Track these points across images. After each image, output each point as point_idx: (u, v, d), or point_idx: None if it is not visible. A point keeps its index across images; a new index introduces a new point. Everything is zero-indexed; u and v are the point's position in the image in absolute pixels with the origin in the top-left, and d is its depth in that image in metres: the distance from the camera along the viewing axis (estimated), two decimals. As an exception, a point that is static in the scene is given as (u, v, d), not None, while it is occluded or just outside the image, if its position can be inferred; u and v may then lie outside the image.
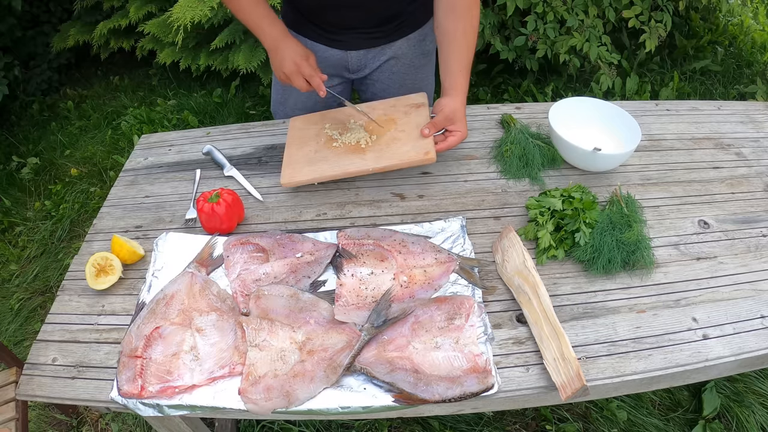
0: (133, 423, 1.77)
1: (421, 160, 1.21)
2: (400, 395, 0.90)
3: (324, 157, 1.26)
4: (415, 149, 1.22)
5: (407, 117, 1.32)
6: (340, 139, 1.30)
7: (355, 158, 1.25)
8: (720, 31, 3.20)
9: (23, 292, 2.27)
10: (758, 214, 1.20)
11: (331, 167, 1.24)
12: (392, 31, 1.37)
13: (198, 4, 2.62)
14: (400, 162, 1.21)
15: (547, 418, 1.64)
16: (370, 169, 1.22)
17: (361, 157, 1.24)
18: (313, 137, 1.33)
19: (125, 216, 1.27)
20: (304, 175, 1.24)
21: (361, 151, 1.26)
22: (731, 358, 0.94)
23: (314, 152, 1.29)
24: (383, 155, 1.24)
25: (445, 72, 1.24)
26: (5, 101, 3.11)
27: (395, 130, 1.29)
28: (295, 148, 1.31)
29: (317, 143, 1.31)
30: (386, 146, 1.26)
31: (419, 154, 1.21)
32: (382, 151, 1.25)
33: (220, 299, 1.04)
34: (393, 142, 1.26)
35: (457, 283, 1.06)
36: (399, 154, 1.23)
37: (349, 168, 1.23)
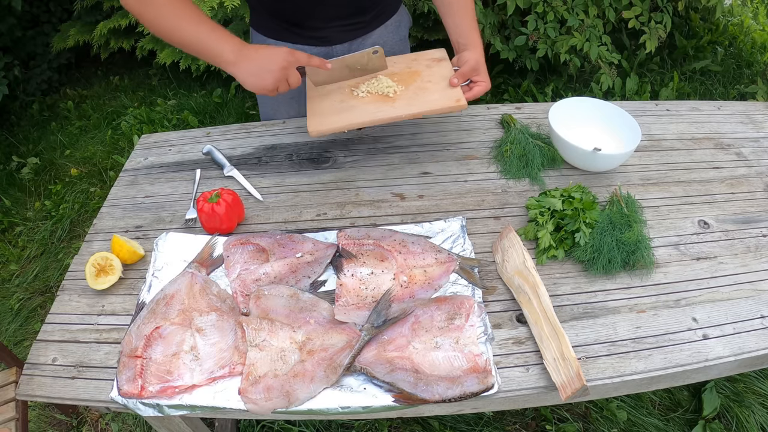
0: (133, 423, 1.77)
1: (452, 107, 1.19)
2: (400, 395, 0.90)
3: (351, 106, 1.22)
4: (446, 97, 1.21)
5: (430, 70, 1.30)
6: (366, 88, 1.26)
7: (384, 106, 1.21)
8: (720, 31, 3.21)
9: (23, 292, 2.27)
10: (758, 214, 1.20)
11: (360, 114, 1.19)
12: (372, 19, 1.37)
13: (198, 4, 2.62)
14: (432, 108, 1.19)
15: (547, 418, 1.64)
16: (402, 116, 1.18)
17: (390, 105, 1.21)
18: (336, 89, 1.27)
19: (125, 216, 1.27)
20: (332, 124, 1.18)
21: (389, 100, 1.23)
22: (731, 358, 0.94)
23: (339, 102, 1.24)
24: (413, 103, 1.20)
25: (457, 33, 1.26)
26: (5, 101, 3.11)
27: (421, 81, 1.27)
28: (318, 99, 1.25)
29: (341, 94, 1.26)
30: (415, 95, 1.23)
31: (450, 101, 1.20)
32: (411, 99, 1.21)
33: (220, 299, 1.04)
34: (421, 91, 1.24)
35: (457, 283, 1.06)
36: (430, 101, 1.20)
37: (379, 115, 1.18)
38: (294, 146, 1.43)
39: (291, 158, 1.39)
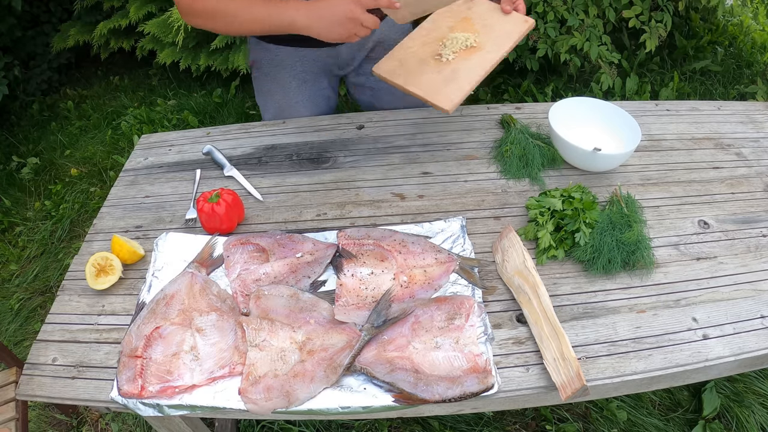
0: (133, 423, 1.77)
1: (527, 29, 1.24)
2: (400, 395, 0.90)
3: (455, 70, 1.21)
4: (514, 23, 1.25)
5: (473, 11, 1.30)
6: (451, 49, 1.25)
7: (480, 55, 1.22)
8: (720, 31, 3.20)
9: (23, 292, 2.27)
10: (758, 214, 1.20)
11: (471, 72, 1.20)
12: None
13: (198, 4, 2.61)
14: (517, 37, 1.24)
15: (547, 418, 1.64)
16: (502, 55, 1.22)
17: (485, 52, 1.22)
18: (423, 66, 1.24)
19: (125, 216, 1.27)
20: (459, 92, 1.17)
21: (476, 50, 1.23)
22: (731, 358, 0.94)
23: (439, 73, 1.22)
24: (498, 41, 1.23)
25: None
26: (5, 101, 3.10)
27: (479, 23, 1.27)
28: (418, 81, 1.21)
29: (432, 67, 1.23)
30: (488, 36, 1.24)
31: (523, 25, 1.25)
32: (493, 40, 1.23)
33: (220, 299, 1.04)
34: (488, 29, 1.25)
35: (457, 283, 1.06)
36: (506, 33, 1.23)
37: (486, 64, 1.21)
38: (294, 146, 1.43)
39: (291, 158, 1.39)
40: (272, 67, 1.43)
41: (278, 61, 1.42)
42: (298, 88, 1.46)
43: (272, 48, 1.40)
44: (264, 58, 1.43)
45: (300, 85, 1.46)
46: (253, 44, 1.44)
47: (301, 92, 1.47)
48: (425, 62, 1.25)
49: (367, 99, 1.56)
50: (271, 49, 1.40)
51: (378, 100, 1.54)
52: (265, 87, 1.49)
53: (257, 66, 1.46)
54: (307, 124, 1.49)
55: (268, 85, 1.47)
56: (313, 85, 1.46)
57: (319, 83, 1.47)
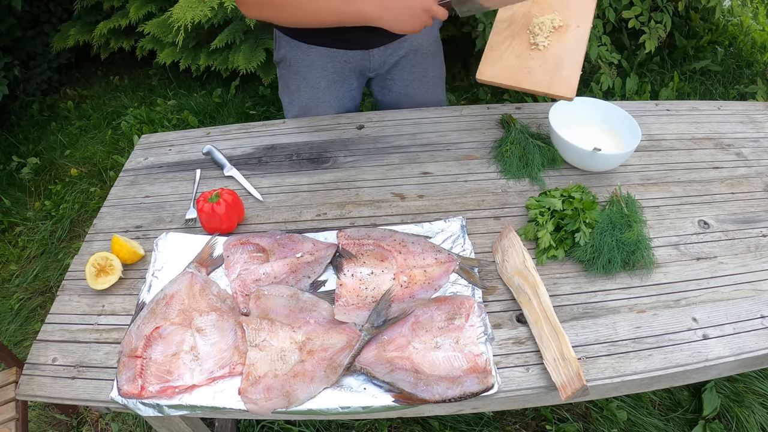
0: (133, 423, 1.77)
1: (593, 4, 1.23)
2: (400, 395, 0.90)
3: (556, 55, 1.21)
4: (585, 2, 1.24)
5: None
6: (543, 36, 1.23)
7: (573, 34, 1.21)
8: (720, 31, 3.20)
9: (23, 292, 2.27)
10: (758, 214, 1.20)
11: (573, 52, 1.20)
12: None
13: (198, 4, 2.62)
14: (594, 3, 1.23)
15: (547, 418, 1.64)
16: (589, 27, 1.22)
17: (573, 31, 1.21)
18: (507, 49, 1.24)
19: (125, 216, 1.27)
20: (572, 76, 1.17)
21: (563, 28, 1.22)
22: (731, 358, 0.94)
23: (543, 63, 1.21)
24: (580, 14, 1.22)
25: None
26: (5, 101, 3.10)
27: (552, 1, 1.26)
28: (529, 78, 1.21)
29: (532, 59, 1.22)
30: (568, 11, 1.23)
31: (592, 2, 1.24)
32: (574, 14, 1.22)
33: (220, 299, 1.04)
34: (564, 4, 1.24)
35: (457, 283, 1.06)
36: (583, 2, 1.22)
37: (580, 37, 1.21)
38: (294, 146, 1.43)
39: (291, 158, 1.39)
40: (303, 66, 1.42)
41: (309, 60, 1.40)
42: (327, 89, 1.45)
43: (304, 47, 1.38)
44: (295, 56, 1.41)
45: (329, 85, 1.45)
46: (284, 41, 1.41)
47: (330, 92, 1.46)
48: (524, 56, 1.23)
49: (392, 101, 1.54)
50: (302, 48, 1.38)
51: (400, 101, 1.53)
52: (293, 85, 1.47)
53: (286, 63, 1.44)
54: (307, 124, 1.49)
55: (297, 83, 1.45)
56: (342, 86, 1.46)
57: (348, 84, 1.46)
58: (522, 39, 1.25)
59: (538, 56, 1.22)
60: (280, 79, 1.51)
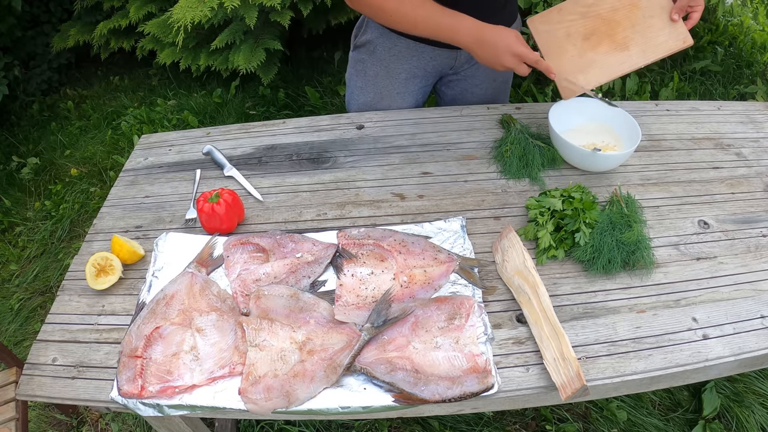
0: (133, 423, 1.77)
1: (682, 47, 1.20)
2: (400, 395, 0.90)
3: (591, 61, 1.23)
4: (672, 37, 1.21)
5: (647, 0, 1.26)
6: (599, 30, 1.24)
7: (621, 56, 1.22)
8: (720, 31, 3.20)
9: (23, 292, 2.27)
10: (758, 214, 1.20)
11: (603, 71, 1.22)
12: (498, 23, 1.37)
13: (198, 4, 2.62)
14: (664, 54, 1.21)
15: (547, 418, 1.64)
16: (640, 65, 1.21)
17: (626, 55, 1.22)
18: (566, 40, 1.25)
19: (125, 216, 1.27)
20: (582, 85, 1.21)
21: (623, 47, 1.22)
22: (731, 358, 0.94)
23: (578, 57, 1.23)
24: (646, 49, 1.21)
25: None
26: (5, 101, 3.10)
27: (643, 15, 1.24)
28: (556, 56, 1.24)
29: (575, 46, 1.24)
30: (642, 37, 1.22)
31: (678, 42, 1.20)
32: (642, 44, 1.22)
33: (220, 299, 1.04)
34: (647, 30, 1.23)
35: (457, 283, 1.06)
36: (659, 45, 1.21)
37: (622, 68, 1.21)
38: (294, 146, 1.43)
39: (291, 158, 1.39)
40: (388, 54, 1.41)
41: (396, 50, 1.39)
42: (405, 81, 1.45)
43: (393, 36, 1.37)
44: (382, 43, 1.40)
45: (409, 78, 1.45)
46: (373, 26, 1.40)
47: (407, 85, 1.47)
48: (572, 38, 1.24)
49: (454, 97, 1.55)
50: (391, 37, 1.38)
51: (462, 97, 1.53)
52: (371, 70, 1.45)
53: (370, 48, 1.42)
54: (307, 124, 1.49)
55: (377, 69, 1.44)
56: (420, 81, 1.46)
57: (426, 80, 1.47)
58: (586, 25, 1.25)
59: (580, 48, 1.23)
60: (355, 63, 1.49)
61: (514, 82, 3.02)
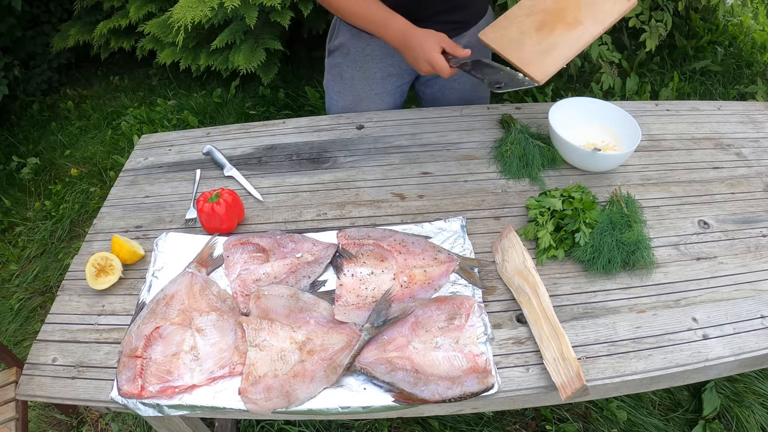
0: (133, 423, 1.77)
1: (629, 7, 1.21)
2: (400, 395, 0.90)
3: (552, 43, 1.23)
4: (615, 1, 1.22)
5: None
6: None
7: (577, 31, 1.22)
8: (720, 31, 3.20)
9: (23, 292, 2.27)
10: (758, 214, 1.20)
11: (567, 47, 1.21)
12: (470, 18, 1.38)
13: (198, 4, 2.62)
14: (617, 15, 1.21)
15: (547, 418, 1.64)
16: (600, 32, 1.21)
17: (582, 29, 1.22)
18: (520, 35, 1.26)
19: (125, 216, 1.27)
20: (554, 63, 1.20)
21: (577, 24, 1.23)
22: (731, 358, 0.94)
23: (537, 44, 1.24)
24: (598, 17, 1.22)
25: None
26: (5, 101, 3.10)
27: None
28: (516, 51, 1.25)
29: (530, 38, 1.25)
30: (590, 10, 1.24)
31: (623, 4, 1.21)
32: (593, 16, 1.23)
33: (220, 299, 1.04)
34: (592, 5, 1.24)
35: (457, 283, 1.06)
36: (609, 10, 1.22)
37: (584, 38, 1.21)
38: (294, 146, 1.43)
39: (291, 158, 1.39)
40: (362, 55, 1.43)
41: (369, 50, 1.42)
42: (382, 80, 1.47)
43: (365, 37, 1.39)
44: (355, 45, 1.42)
45: (385, 77, 1.46)
46: (345, 29, 1.42)
47: (384, 85, 1.48)
48: (527, 33, 1.25)
49: (433, 95, 1.56)
50: (364, 38, 1.40)
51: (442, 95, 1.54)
52: (347, 73, 1.47)
53: (344, 51, 1.45)
54: (307, 124, 1.49)
55: (352, 71, 1.46)
56: (396, 80, 1.47)
57: (401, 78, 1.48)
58: (535, 19, 1.27)
59: (538, 38, 1.24)
60: (331, 68, 1.51)
61: (514, 82, 3.01)
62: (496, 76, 1.20)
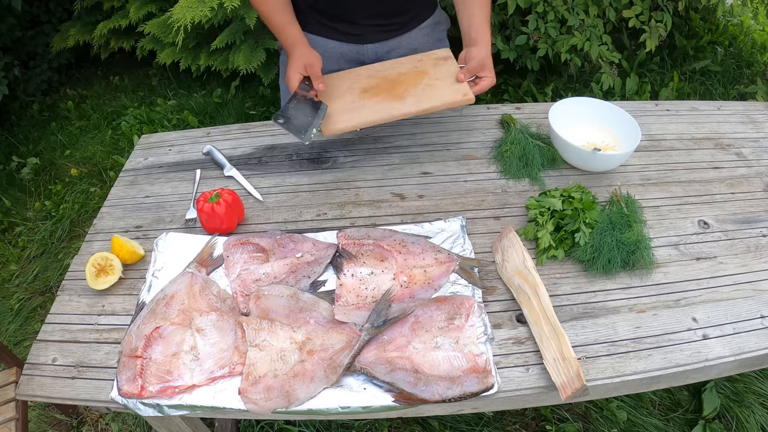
0: (133, 423, 1.77)
1: (460, 101, 1.24)
2: (400, 395, 0.90)
3: (363, 106, 1.27)
4: (453, 93, 1.25)
5: (437, 68, 1.32)
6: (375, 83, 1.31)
7: (395, 104, 1.25)
8: (720, 31, 3.20)
9: (23, 292, 2.27)
10: (758, 214, 1.20)
11: (372, 113, 1.24)
12: (407, 22, 1.38)
13: (198, 4, 2.62)
14: (441, 104, 1.24)
15: (547, 418, 1.64)
16: (412, 112, 1.24)
17: (400, 103, 1.25)
18: (346, 91, 1.31)
19: (125, 216, 1.27)
20: (345, 122, 1.24)
21: (399, 98, 1.26)
22: (731, 358, 0.94)
23: (351, 102, 1.28)
24: (422, 99, 1.25)
25: (470, 26, 1.29)
26: (5, 101, 3.11)
27: (429, 79, 1.30)
28: (333, 100, 1.29)
29: (352, 95, 1.30)
30: (423, 92, 1.27)
31: (458, 95, 1.24)
32: (420, 96, 1.26)
33: (220, 299, 1.04)
34: (429, 88, 1.27)
35: (457, 283, 1.06)
36: (438, 96, 1.25)
37: (393, 112, 1.24)
38: (294, 146, 1.43)
39: (291, 158, 1.39)
40: None
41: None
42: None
43: (309, 37, 1.39)
44: None
45: (327, 73, 1.45)
46: None
47: None
48: (352, 90, 1.31)
49: None
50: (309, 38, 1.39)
51: None
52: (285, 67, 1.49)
53: None
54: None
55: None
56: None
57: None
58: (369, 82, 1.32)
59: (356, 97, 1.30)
60: (281, 65, 1.54)
61: (514, 82, 3.02)
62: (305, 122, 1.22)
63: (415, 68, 1.33)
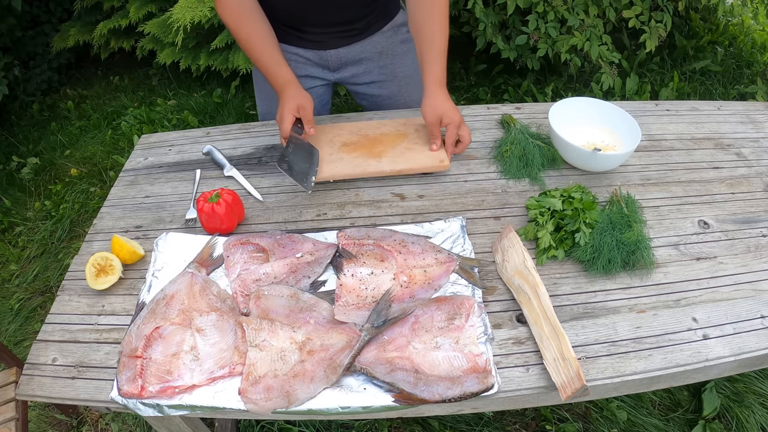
0: (133, 423, 1.77)
1: (437, 167, 1.29)
2: (400, 395, 0.90)
3: (340, 158, 1.31)
4: (430, 158, 1.30)
5: (418, 134, 1.37)
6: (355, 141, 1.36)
7: (372, 161, 1.30)
8: (720, 31, 3.20)
9: (23, 292, 2.27)
10: (758, 214, 1.20)
11: (348, 167, 1.29)
12: (366, 27, 1.39)
13: (198, 4, 2.62)
14: (416, 167, 1.29)
15: (547, 418, 1.64)
16: (386, 171, 1.29)
17: (376, 161, 1.30)
18: (327, 143, 1.36)
19: (125, 216, 1.27)
20: (321, 173, 1.27)
21: (376, 156, 1.31)
22: (731, 358, 0.94)
23: (329, 154, 1.32)
24: (398, 161, 1.30)
25: (421, 63, 1.29)
26: (5, 101, 3.11)
27: (408, 143, 1.34)
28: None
29: (332, 148, 1.35)
30: (400, 154, 1.31)
31: (435, 161, 1.29)
32: (397, 157, 1.31)
33: (220, 299, 1.04)
34: (407, 151, 1.32)
35: (457, 283, 1.06)
36: (414, 160, 1.30)
37: (368, 168, 1.29)
38: (294, 146, 1.43)
39: (291, 158, 1.39)
40: None
41: None
42: None
43: None
44: None
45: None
46: None
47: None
48: (333, 143, 1.36)
49: (369, 103, 1.59)
50: None
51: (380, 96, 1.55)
52: (260, 77, 1.53)
53: None
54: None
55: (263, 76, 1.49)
56: (305, 82, 1.48)
57: (311, 82, 1.50)
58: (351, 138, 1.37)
59: (335, 150, 1.34)
60: (256, 76, 1.58)
61: (514, 82, 3.02)
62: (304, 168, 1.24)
63: (397, 131, 1.39)
